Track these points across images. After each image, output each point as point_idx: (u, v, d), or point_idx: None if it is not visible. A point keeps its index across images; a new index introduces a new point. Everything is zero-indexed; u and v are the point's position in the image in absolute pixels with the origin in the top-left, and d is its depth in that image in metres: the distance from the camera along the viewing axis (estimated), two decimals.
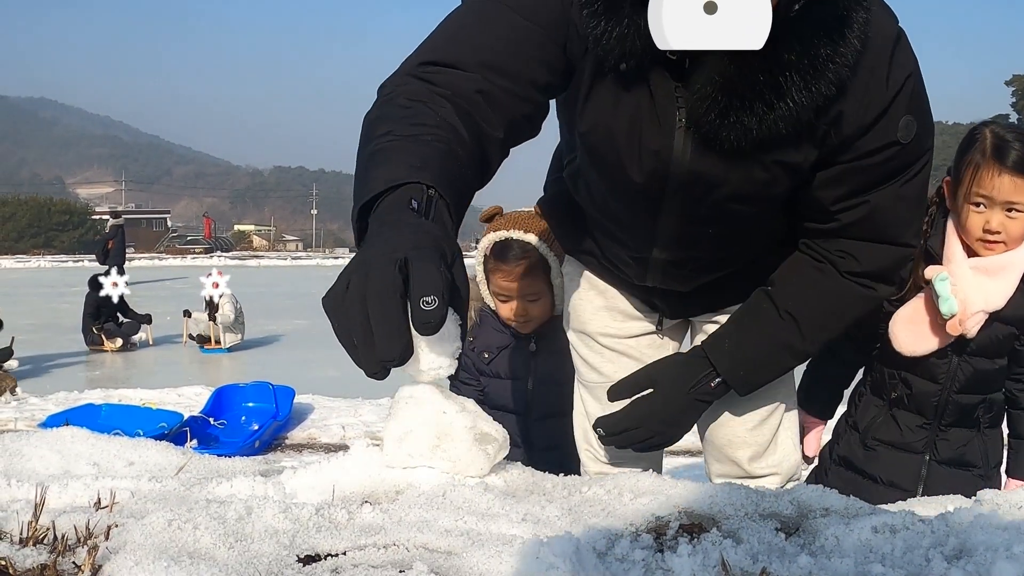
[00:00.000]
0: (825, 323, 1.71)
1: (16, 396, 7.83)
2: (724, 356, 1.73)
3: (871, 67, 1.45)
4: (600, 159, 1.61)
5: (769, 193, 1.57)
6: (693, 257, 1.75)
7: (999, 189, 2.04)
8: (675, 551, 1.08)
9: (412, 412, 1.48)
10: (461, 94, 1.37)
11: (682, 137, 1.48)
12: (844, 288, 1.67)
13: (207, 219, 66.96)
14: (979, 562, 1.03)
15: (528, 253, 2.29)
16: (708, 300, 1.89)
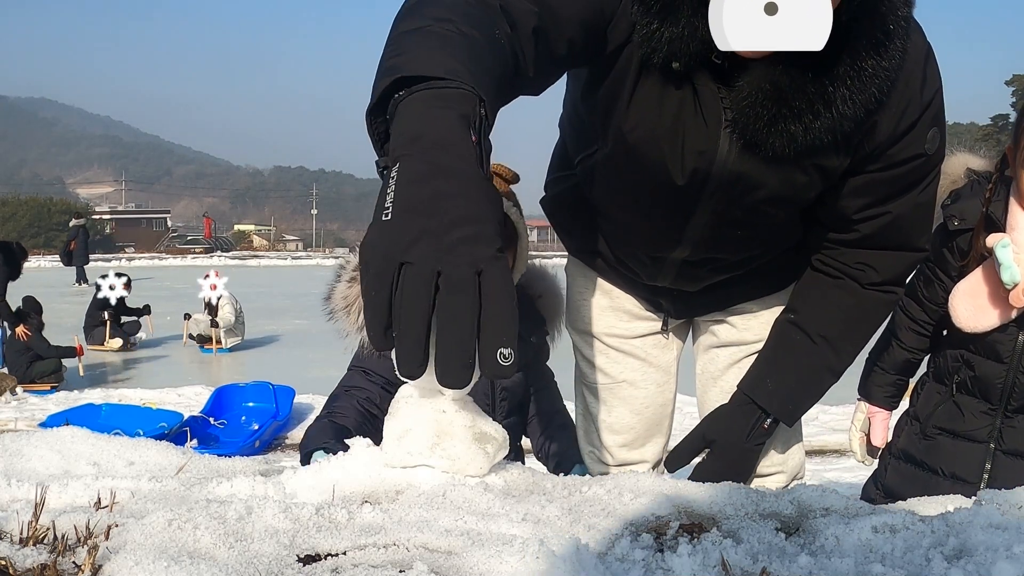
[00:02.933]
0: (856, 337, 1.73)
1: (16, 396, 7.83)
2: (771, 397, 1.73)
3: (907, 80, 1.48)
4: (640, 157, 1.57)
5: (805, 197, 1.58)
6: (714, 258, 1.74)
7: None
8: (675, 551, 1.08)
9: (411, 411, 1.48)
10: (520, 23, 1.28)
11: (727, 139, 1.48)
12: (868, 299, 1.69)
13: (207, 219, 66.95)
14: (979, 562, 1.03)
15: None
16: (714, 299, 1.89)
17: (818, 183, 1.56)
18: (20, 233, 47.12)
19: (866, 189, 1.58)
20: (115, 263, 26.19)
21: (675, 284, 1.82)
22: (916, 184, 1.58)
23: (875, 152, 1.53)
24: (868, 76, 1.38)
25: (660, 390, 2.02)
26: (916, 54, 1.48)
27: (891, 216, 1.60)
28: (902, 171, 1.55)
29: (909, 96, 1.49)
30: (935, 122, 1.55)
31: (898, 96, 1.47)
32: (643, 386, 2.00)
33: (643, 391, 2.00)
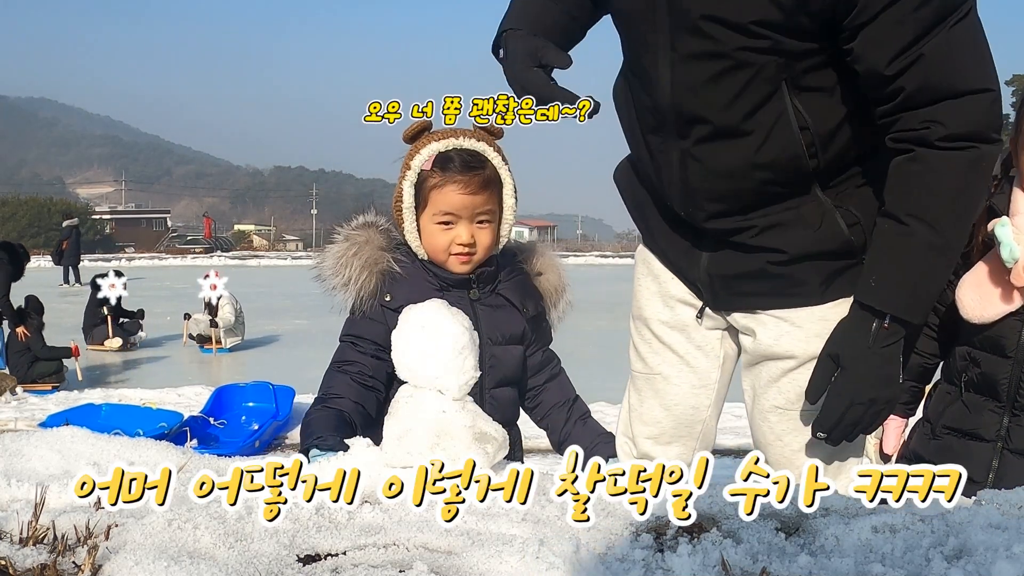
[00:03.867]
0: (949, 206, 1.62)
1: (16, 396, 7.83)
2: (876, 292, 1.65)
3: None
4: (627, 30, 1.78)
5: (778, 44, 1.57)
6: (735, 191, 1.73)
7: None
8: (675, 551, 1.08)
9: (411, 411, 1.48)
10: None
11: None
12: (946, 161, 1.58)
13: (207, 219, 66.94)
14: (979, 562, 1.03)
15: (484, 162, 1.85)
16: (751, 290, 1.85)
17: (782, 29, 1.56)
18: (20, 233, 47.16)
19: (883, 36, 1.52)
20: (115, 263, 26.17)
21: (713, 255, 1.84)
22: (940, 19, 1.51)
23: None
24: None
25: (694, 392, 2.00)
26: None
27: (926, 60, 1.52)
28: (906, 5, 1.49)
29: None
30: None
31: None
32: (676, 383, 2.00)
33: (676, 388, 2.00)
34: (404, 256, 1.89)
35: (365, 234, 1.90)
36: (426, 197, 1.85)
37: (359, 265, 1.85)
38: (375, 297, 1.84)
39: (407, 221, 1.87)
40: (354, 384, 1.80)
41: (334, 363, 1.89)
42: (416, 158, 1.86)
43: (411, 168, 1.86)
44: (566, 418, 1.99)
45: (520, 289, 1.96)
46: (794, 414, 1.86)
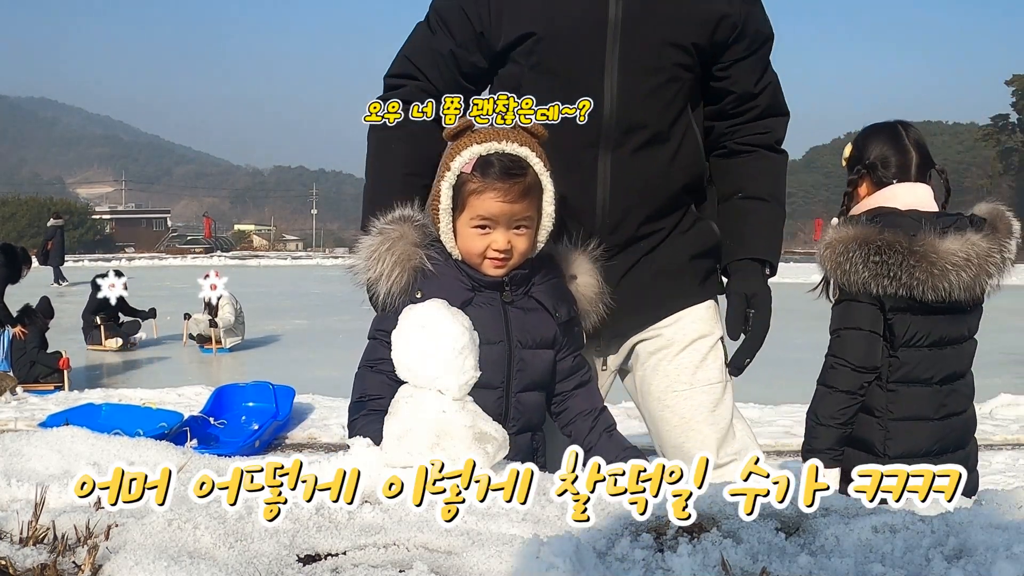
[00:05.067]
0: (784, 189, 2.23)
1: (16, 396, 7.83)
2: (765, 249, 2.15)
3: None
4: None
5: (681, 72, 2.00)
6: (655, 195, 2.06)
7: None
8: (675, 551, 1.08)
9: (411, 411, 1.48)
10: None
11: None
12: (780, 159, 2.21)
13: (207, 219, 66.94)
14: (979, 562, 1.03)
15: (525, 169, 1.82)
16: (637, 304, 2.11)
17: (693, 58, 2.00)
18: (20, 233, 47.14)
19: (754, 64, 2.07)
20: (115, 263, 26.16)
21: (623, 232, 2.06)
22: (769, 55, 2.12)
23: (727, 24, 1.99)
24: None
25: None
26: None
27: (773, 84, 2.13)
28: (764, 47, 2.09)
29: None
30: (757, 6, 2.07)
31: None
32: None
33: None
34: (437, 253, 1.86)
35: (399, 229, 1.87)
36: (464, 201, 1.82)
37: (392, 260, 1.83)
38: (406, 293, 1.82)
39: (443, 222, 1.84)
40: (391, 383, 1.71)
41: (366, 362, 1.86)
42: (456, 159, 1.81)
43: (451, 169, 1.82)
44: (591, 427, 1.93)
45: (554, 293, 1.92)
46: (688, 392, 2.13)
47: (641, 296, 2.10)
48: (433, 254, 1.86)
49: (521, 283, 1.89)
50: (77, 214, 63.61)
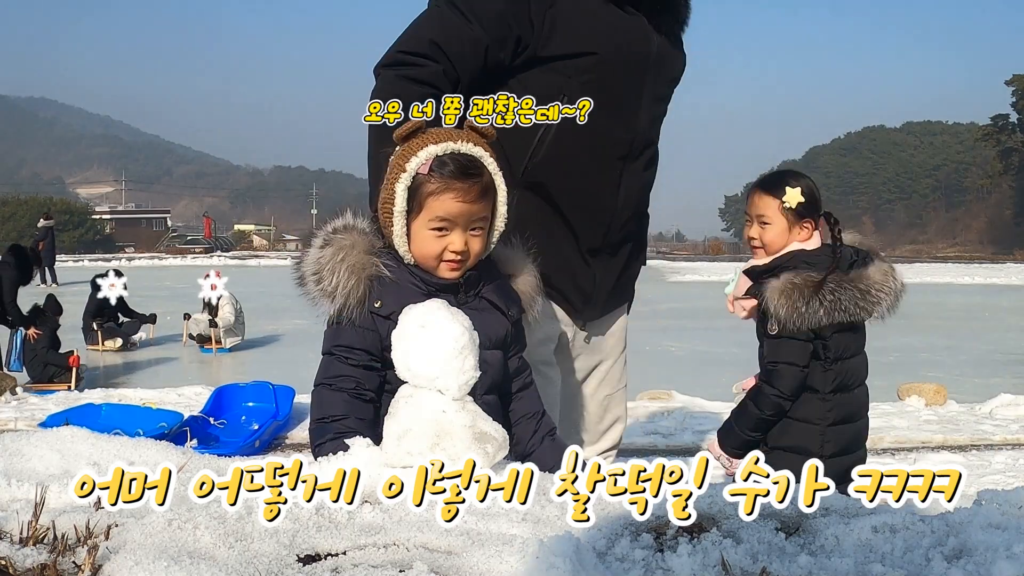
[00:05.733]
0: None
1: (16, 396, 7.83)
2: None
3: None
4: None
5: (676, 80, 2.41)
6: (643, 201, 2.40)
7: (753, 205, 2.69)
8: (675, 551, 1.08)
9: (411, 411, 1.48)
10: None
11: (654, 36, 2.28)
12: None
13: (207, 219, 66.93)
14: (979, 562, 1.03)
15: (481, 169, 1.80)
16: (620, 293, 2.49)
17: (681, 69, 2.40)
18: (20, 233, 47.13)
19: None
20: (115, 263, 26.16)
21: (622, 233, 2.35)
22: None
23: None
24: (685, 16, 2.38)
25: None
26: None
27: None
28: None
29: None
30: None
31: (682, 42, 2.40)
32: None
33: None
34: (390, 260, 1.81)
35: (349, 237, 1.80)
36: (421, 202, 1.78)
37: (346, 270, 1.76)
38: (363, 304, 1.75)
39: (397, 225, 1.79)
40: (353, 401, 1.72)
41: (324, 381, 1.78)
42: (412, 160, 1.77)
43: (406, 171, 1.77)
44: (534, 430, 1.92)
45: (502, 292, 1.90)
46: (615, 394, 2.61)
47: (622, 291, 2.51)
48: (387, 261, 1.80)
49: (473, 284, 1.86)
50: (77, 214, 63.60)
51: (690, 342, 11.64)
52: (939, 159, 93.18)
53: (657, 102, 2.33)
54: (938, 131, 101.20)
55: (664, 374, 8.47)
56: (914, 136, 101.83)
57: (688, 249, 63.82)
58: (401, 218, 1.79)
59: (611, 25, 2.19)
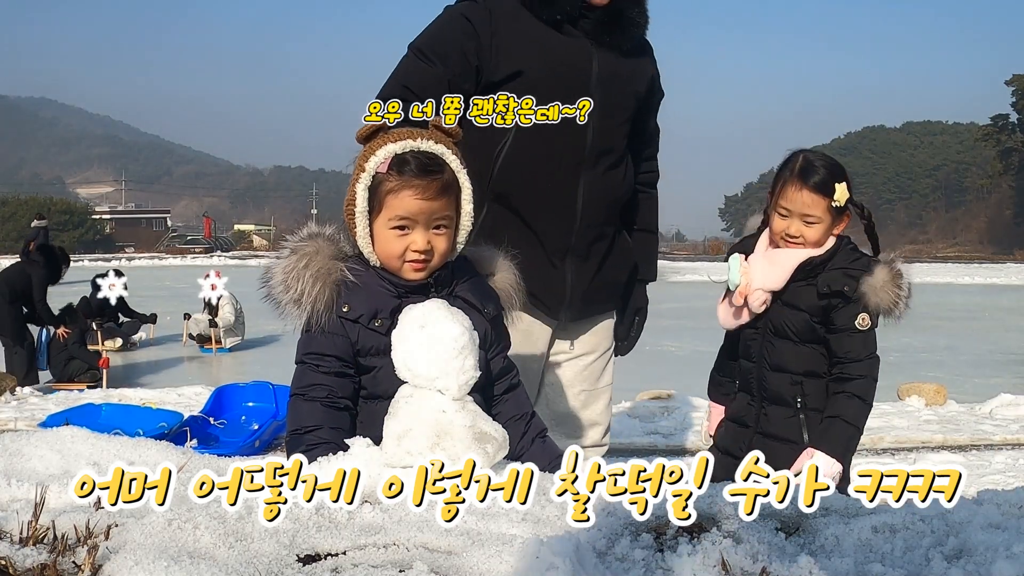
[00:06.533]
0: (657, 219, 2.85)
1: (16, 396, 7.83)
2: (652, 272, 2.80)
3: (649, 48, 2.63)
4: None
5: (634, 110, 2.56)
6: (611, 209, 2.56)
7: (798, 203, 2.48)
8: (675, 551, 1.08)
9: (411, 411, 1.48)
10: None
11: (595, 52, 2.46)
12: (655, 198, 2.83)
13: (207, 219, 66.98)
14: (979, 562, 1.03)
15: (442, 166, 1.79)
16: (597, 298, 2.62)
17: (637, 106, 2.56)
18: (20, 233, 47.13)
19: (655, 113, 2.71)
20: (115, 263, 26.15)
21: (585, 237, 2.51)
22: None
23: (654, 84, 2.63)
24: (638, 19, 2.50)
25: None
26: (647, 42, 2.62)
27: (657, 128, 2.76)
28: (660, 101, 2.72)
29: (651, 52, 2.63)
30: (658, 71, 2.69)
31: (648, 52, 2.61)
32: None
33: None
34: (357, 264, 1.80)
35: (313, 244, 1.80)
36: (381, 201, 1.77)
37: (311, 277, 1.76)
38: (331, 309, 1.74)
39: (360, 226, 1.78)
40: (326, 410, 1.71)
41: (297, 391, 1.76)
42: (371, 160, 1.77)
43: (365, 170, 1.77)
44: (523, 432, 1.89)
45: (478, 290, 1.88)
46: (595, 391, 2.74)
47: (600, 295, 2.63)
48: (353, 265, 1.79)
49: (445, 284, 1.84)
50: (77, 214, 63.59)
51: (690, 342, 11.64)
52: (939, 159, 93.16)
53: (611, 114, 2.47)
54: (938, 131, 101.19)
55: (664, 374, 8.47)
56: (914, 136, 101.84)
57: (688, 249, 63.87)
58: (363, 218, 1.78)
59: (544, 47, 2.40)
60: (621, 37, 2.48)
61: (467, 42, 2.38)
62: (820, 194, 2.46)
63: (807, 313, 2.48)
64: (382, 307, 1.72)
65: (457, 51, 2.37)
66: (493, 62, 2.37)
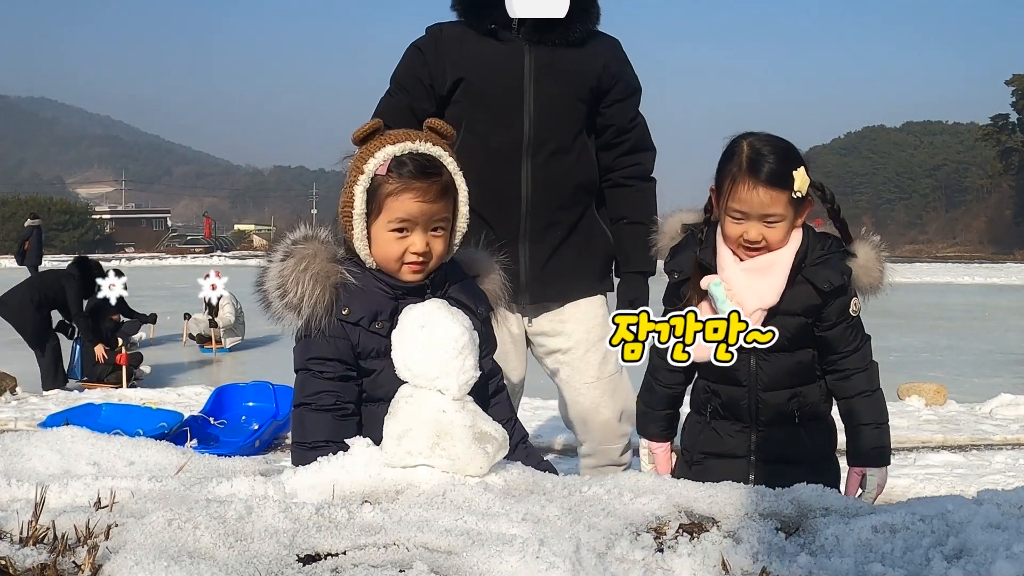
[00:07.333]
0: (655, 214, 2.80)
1: (16, 396, 7.83)
2: (645, 262, 2.77)
3: (603, 39, 2.77)
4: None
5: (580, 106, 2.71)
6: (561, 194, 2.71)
7: (754, 203, 2.12)
8: (675, 551, 1.08)
9: (411, 410, 1.48)
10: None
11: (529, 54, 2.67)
12: (651, 188, 2.88)
13: (207, 219, 67.01)
14: (979, 562, 1.03)
15: (440, 168, 1.79)
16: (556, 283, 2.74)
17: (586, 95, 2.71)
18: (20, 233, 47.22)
19: (627, 106, 2.80)
20: (115, 263, 26.17)
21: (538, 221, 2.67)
22: (639, 105, 2.85)
23: (608, 74, 2.72)
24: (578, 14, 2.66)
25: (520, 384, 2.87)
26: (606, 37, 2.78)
27: (642, 124, 2.85)
28: (635, 96, 2.82)
29: (610, 45, 2.77)
30: (629, 66, 2.81)
31: (602, 44, 2.74)
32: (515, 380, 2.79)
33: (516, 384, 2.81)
34: (354, 266, 1.79)
35: (310, 246, 1.77)
36: (380, 203, 1.76)
37: (310, 279, 1.73)
38: (330, 313, 1.72)
39: (357, 228, 1.77)
40: (335, 423, 1.68)
41: (304, 400, 1.74)
42: (370, 161, 1.76)
43: (364, 172, 1.76)
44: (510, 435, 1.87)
45: (470, 291, 1.89)
46: (599, 383, 2.79)
47: (558, 278, 2.74)
48: (351, 267, 1.78)
49: (440, 286, 1.84)
50: (77, 214, 63.56)
51: None
52: (939, 159, 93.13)
53: (548, 106, 2.67)
54: (938, 131, 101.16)
55: None
56: (914, 136, 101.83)
57: None
58: (361, 221, 1.77)
59: (480, 54, 2.68)
60: (555, 33, 2.66)
61: (420, 69, 2.72)
62: (777, 188, 2.10)
63: (802, 316, 2.20)
64: (381, 309, 1.72)
65: (412, 79, 2.73)
66: (440, 78, 2.70)
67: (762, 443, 2.25)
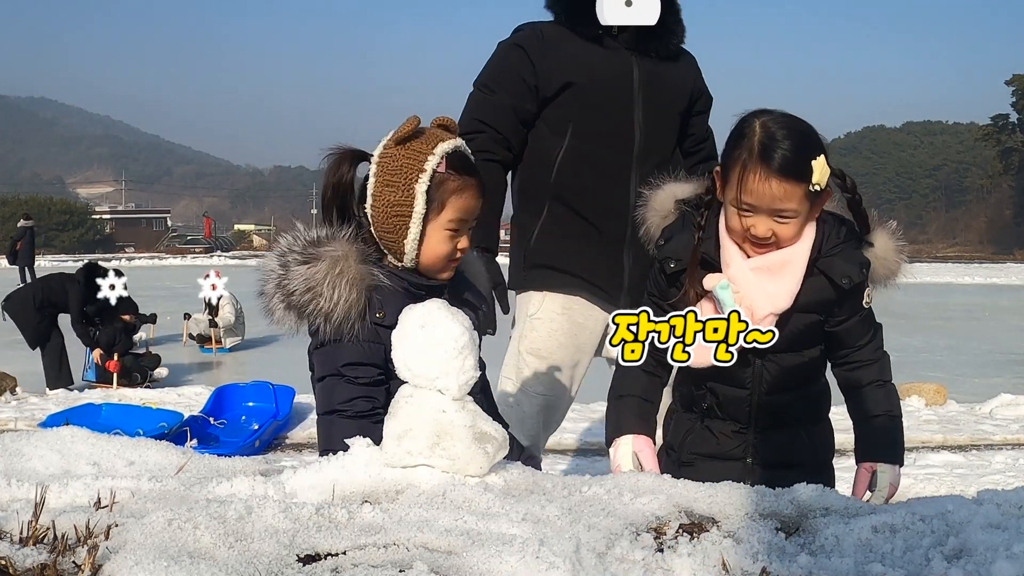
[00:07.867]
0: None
1: (16, 396, 7.83)
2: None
3: (687, 54, 2.86)
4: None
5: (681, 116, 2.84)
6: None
7: (765, 196, 1.86)
8: (675, 551, 1.08)
9: (411, 410, 1.48)
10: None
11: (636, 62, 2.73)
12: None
13: (207, 219, 67.00)
14: (979, 562, 1.03)
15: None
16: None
17: (684, 109, 2.82)
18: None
19: (706, 118, 2.94)
20: (115, 263, 26.17)
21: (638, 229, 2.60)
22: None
23: (697, 87, 2.85)
24: (674, 27, 2.75)
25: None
26: (688, 52, 2.86)
27: (712, 133, 2.96)
28: (710, 108, 2.95)
29: (693, 61, 2.86)
30: (704, 80, 2.92)
31: (688, 60, 2.84)
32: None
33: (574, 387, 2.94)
34: (380, 266, 1.74)
35: (340, 248, 1.70)
36: (443, 201, 1.70)
37: (347, 284, 1.66)
38: (363, 317, 1.66)
39: (414, 228, 1.70)
40: (370, 428, 1.58)
41: (337, 407, 1.67)
42: (430, 159, 1.69)
43: (425, 171, 1.69)
44: None
45: (471, 290, 1.89)
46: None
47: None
48: (381, 269, 1.73)
49: (454, 284, 1.82)
50: (77, 214, 63.53)
51: None
52: (939, 159, 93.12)
53: (659, 114, 2.73)
54: (938, 131, 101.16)
55: None
56: (914, 136, 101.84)
57: None
58: (419, 220, 1.71)
59: (586, 60, 2.67)
60: (658, 44, 2.71)
61: (523, 67, 2.69)
62: (793, 180, 1.85)
63: (815, 313, 2.00)
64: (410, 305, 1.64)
65: (515, 78, 2.69)
66: (546, 80, 2.67)
67: (760, 446, 2.10)
